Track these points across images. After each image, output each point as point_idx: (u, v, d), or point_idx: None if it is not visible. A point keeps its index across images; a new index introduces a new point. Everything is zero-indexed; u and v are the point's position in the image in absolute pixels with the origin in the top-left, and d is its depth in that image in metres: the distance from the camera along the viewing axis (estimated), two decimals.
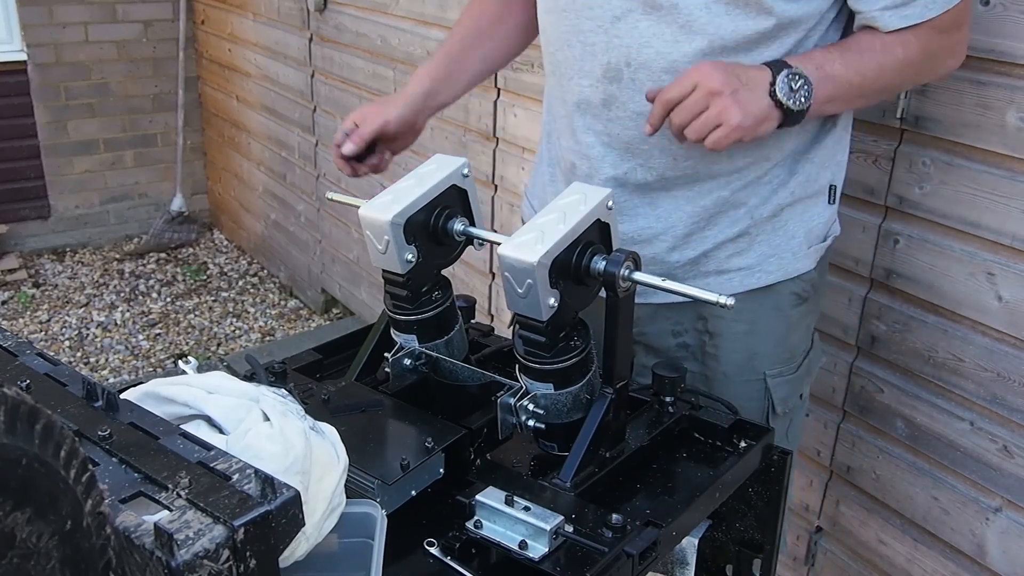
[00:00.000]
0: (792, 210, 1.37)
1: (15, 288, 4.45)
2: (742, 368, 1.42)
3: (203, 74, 4.97)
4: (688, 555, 1.19)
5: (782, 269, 1.39)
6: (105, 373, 3.83)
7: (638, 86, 1.26)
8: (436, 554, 0.96)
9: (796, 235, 1.38)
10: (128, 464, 0.75)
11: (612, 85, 1.28)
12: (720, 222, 1.35)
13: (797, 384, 1.48)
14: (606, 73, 1.28)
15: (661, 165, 1.31)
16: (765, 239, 1.37)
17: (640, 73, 1.25)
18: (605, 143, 1.33)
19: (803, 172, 1.35)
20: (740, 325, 1.39)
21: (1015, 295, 1.56)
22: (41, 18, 4.56)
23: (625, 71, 1.26)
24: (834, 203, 1.43)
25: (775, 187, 1.34)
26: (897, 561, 1.88)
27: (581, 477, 1.06)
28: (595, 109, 1.31)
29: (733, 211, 1.34)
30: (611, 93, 1.29)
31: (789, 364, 1.45)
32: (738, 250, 1.37)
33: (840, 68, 1.22)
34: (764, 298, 1.39)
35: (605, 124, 1.31)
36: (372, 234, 1.12)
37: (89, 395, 0.86)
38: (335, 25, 3.54)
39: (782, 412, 1.46)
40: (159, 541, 0.63)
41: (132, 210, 5.07)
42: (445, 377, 1.20)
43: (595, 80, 1.29)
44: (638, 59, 1.25)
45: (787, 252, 1.38)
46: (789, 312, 1.42)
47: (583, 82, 1.31)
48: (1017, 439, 1.60)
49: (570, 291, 1.04)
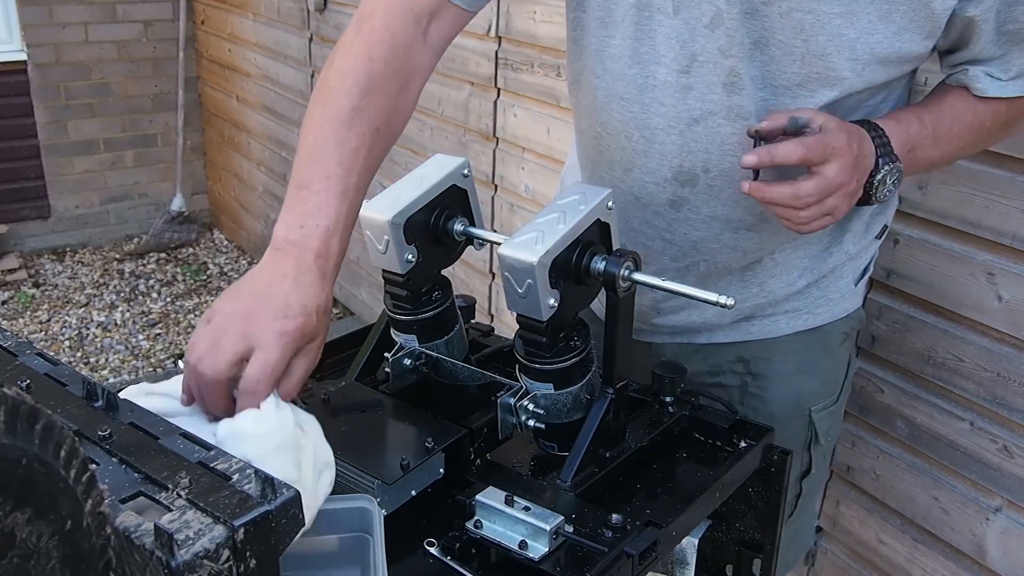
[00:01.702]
0: (847, 263, 1.32)
1: (15, 288, 4.45)
2: (788, 408, 1.35)
3: (203, 74, 4.97)
4: (688, 555, 1.19)
5: (830, 311, 1.33)
6: (105, 373, 3.83)
7: (715, 193, 1.16)
8: (436, 554, 0.96)
9: (845, 276, 1.33)
10: (128, 464, 0.75)
11: (684, 188, 1.17)
12: (775, 285, 1.29)
13: (839, 412, 1.44)
14: (678, 176, 1.16)
15: (727, 259, 1.24)
16: (814, 283, 1.31)
17: (719, 180, 1.15)
18: (667, 240, 1.23)
19: (856, 230, 1.29)
20: (787, 366, 1.34)
21: (1015, 295, 1.56)
22: (41, 18, 4.57)
23: (702, 177, 1.15)
24: (881, 238, 1.36)
25: (830, 252, 1.29)
26: (897, 561, 1.88)
27: (581, 477, 1.06)
28: (660, 208, 1.20)
29: (786, 276, 1.29)
30: (682, 196, 1.18)
31: (832, 396, 1.40)
32: (788, 300, 1.32)
33: (930, 150, 1.14)
34: (813, 339, 1.34)
35: (670, 224, 1.21)
36: (372, 234, 1.12)
37: (89, 395, 0.85)
38: (335, 25, 3.54)
39: (825, 443, 1.41)
40: (159, 541, 0.63)
41: (132, 210, 5.08)
42: (445, 377, 1.20)
43: (663, 180, 1.18)
44: (719, 166, 1.14)
45: (835, 294, 1.33)
46: (836, 351, 1.37)
47: (646, 178, 1.19)
48: (1017, 439, 1.60)
49: (570, 291, 1.04)
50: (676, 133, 1.13)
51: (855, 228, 1.29)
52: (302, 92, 3.92)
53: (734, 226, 1.20)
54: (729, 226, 1.20)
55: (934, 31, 1.06)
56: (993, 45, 1.09)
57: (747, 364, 1.36)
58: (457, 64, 2.88)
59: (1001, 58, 1.10)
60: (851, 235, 1.29)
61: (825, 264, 1.29)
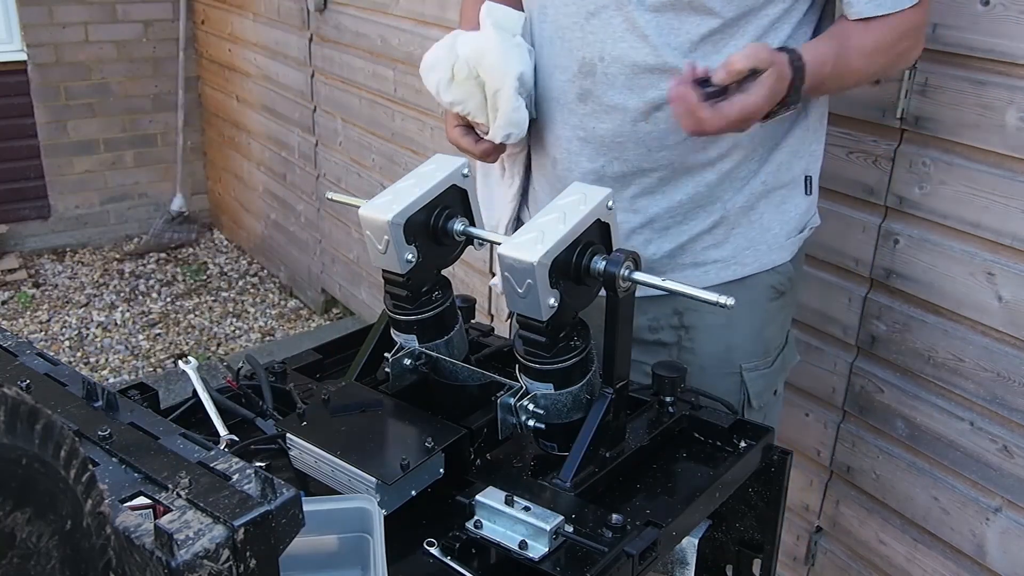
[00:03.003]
0: (767, 201, 1.38)
1: (15, 288, 4.45)
2: (719, 361, 1.43)
3: (203, 74, 4.97)
4: (688, 555, 1.19)
5: (758, 261, 1.40)
6: (105, 373, 3.83)
7: (611, 80, 1.29)
8: (436, 554, 0.96)
9: (771, 227, 1.40)
10: (128, 464, 0.75)
11: (587, 80, 1.31)
12: (696, 216, 1.37)
13: (772, 378, 1.49)
14: (581, 68, 1.30)
15: (635, 157, 1.33)
16: (741, 232, 1.38)
17: (613, 67, 1.28)
18: (582, 138, 1.34)
19: (775, 161, 1.37)
20: (716, 318, 1.39)
21: (1015, 295, 1.56)
22: (41, 18, 4.56)
23: (599, 65, 1.29)
24: (811, 194, 1.44)
25: (747, 178, 1.36)
26: (897, 561, 1.88)
27: (581, 477, 1.06)
28: (572, 103, 1.33)
29: (709, 205, 1.36)
30: (586, 88, 1.31)
31: (765, 358, 1.46)
32: (714, 242, 1.38)
33: (830, 67, 1.24)
34: (740, 291, 1.39)
35: (581, 119, 1.33)
36: (372, 234, 1.12)
37: (89, 395, 0.86)
38: (335, 25, 3.54)
39: (757, 406, 1.47)
40: (159, 541, 0.63)
41: (132, 210, 5.08)
42: (445, 377, 1.20)
43: (572, 76, 1.32)
44: (611, 53, 1.27)
45: (763, 244, 1.40)
46: (766, 305, 1.43)
47: (561, 76, 1.33)
48: (1017, 439, 1.60)
49: (570, 291, 1.04)
50: (578, 28, 1.29)
51: (772, 159, 1.37)
52: (302, 92, 3.92)
53: (631, 117, 1.30)
54: (627, 117, 1.30)
55: None
56: None
57: (681, 317, 1.42)
58: None
59: None
60: (769, 166, 1.37)
61: (744, 190, 1.36)
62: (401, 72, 3.18)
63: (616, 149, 1.33)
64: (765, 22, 1.26)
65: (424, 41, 3.01)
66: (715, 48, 1.26)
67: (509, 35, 1.35)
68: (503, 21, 1.35)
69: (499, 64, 1.31)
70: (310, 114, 3.89)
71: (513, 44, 1.34)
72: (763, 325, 1.44)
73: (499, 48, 1.32)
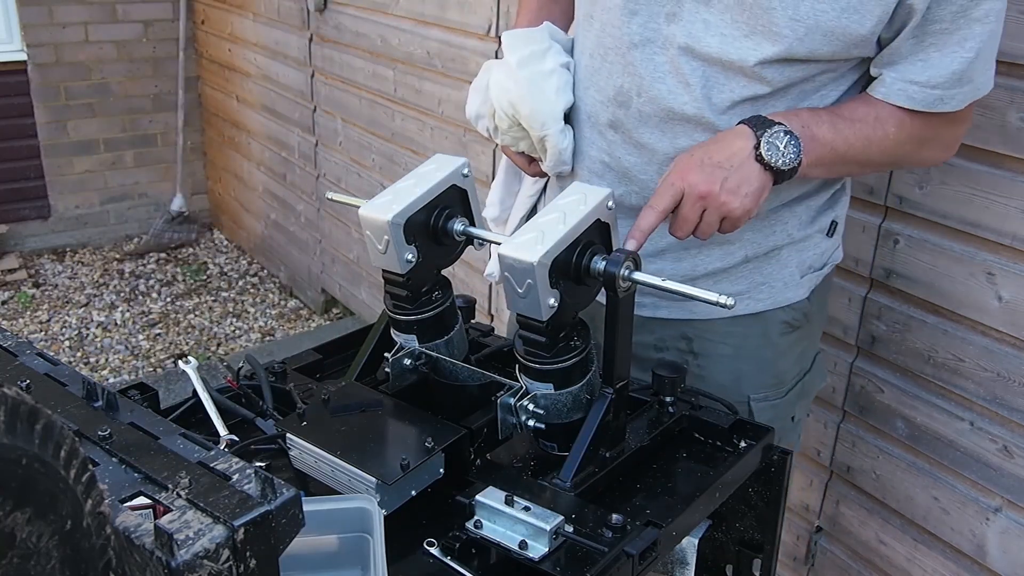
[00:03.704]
0: (790, 248, 1.35)
1: (15, 288, 4.45)
2: (726, 390, 1.36)
3: (203, 74, 4.97)
4: (688, 555, 1.19)
5: (772, 298, 1.36)
6: (105, 373, 3.83)
7: (644, 119, 1.25)
8: (436, 554, 0.96)
9: (789, 265, 1.36)
10: (128, 464, 0.75)
11: (620, 110, 1.27)
12: (712, 252, 1.33)
13: (786, 408, 1.44)
14: (617, 96, 1.27)
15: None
16: (756, 267, 1.35)
17: (648, 107, 1.24)
18: (606, 163, 1.32)
19: (802, 215, 1.33)
20: (726, 348, 1.37)
21: (1015, 295, 1.56)
22: (41, 18, 4.56)
23: (635, 100, 1.25)
24: (833, 236, 1.40)
25: (773, 230, 1.32)
26: (897, 561, 1.88)
27: (581, 477, 1.06)
28: (603, 127, 1.31)
29: (728, 245, 1.32)
30: (618, 118, 1.28)
31: (776, 389, 1.41)
32: (727, 276, 1.35)
33: (827, 132, 1.18)
34: (752, 324, 1.37)
35: (609, 144, 1.30)
36: (372, 234, 1.12)
37: (89, 395, 0.86)
38: (335, 25, 3.54)
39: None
40: (159, 541, 0.63)
41: (132, 210, 5.08)
42: (445, 377, 1.20)
43: (607, 100, 1.28)
44: (648, 92, 1.23)
45: (778, 281, 1.36)
46: (777, 340, 1.39)
47: (597, 96, 1.30)
48: (1017, 439, 1.60)
49: (570, 291, 1.04)
50: (620, 55, 1.25)
51: (800, 213, 1.33)
52: (302, 92, 3.92)
53: (659, 159, 1.26)
54: (655, 158, 1.27)
55: (883, 17, 1.12)
56: (909, 41, 1.14)
57: (690, 343, 1.39)
58: (457, 64, 2.88)
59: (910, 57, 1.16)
60: (796, 220, 1.33)
61: (767, 241, 1.32)
62: (401, 72, 3.18)
63: (638, 184, 1.29)
64: (809, 87, 1.21)
65: (424, 41, 3.01)
66: (753, 108, 1.20)
67: (538, 64, 1.31)
68: (528, 54, 1.31)
69: (535, 115, 1.29)
70: (310, 114, 3.89)
71: (545, 81, 1.30)
72: (775, 358, 1.40)
73: (530, 95, 1.29)
